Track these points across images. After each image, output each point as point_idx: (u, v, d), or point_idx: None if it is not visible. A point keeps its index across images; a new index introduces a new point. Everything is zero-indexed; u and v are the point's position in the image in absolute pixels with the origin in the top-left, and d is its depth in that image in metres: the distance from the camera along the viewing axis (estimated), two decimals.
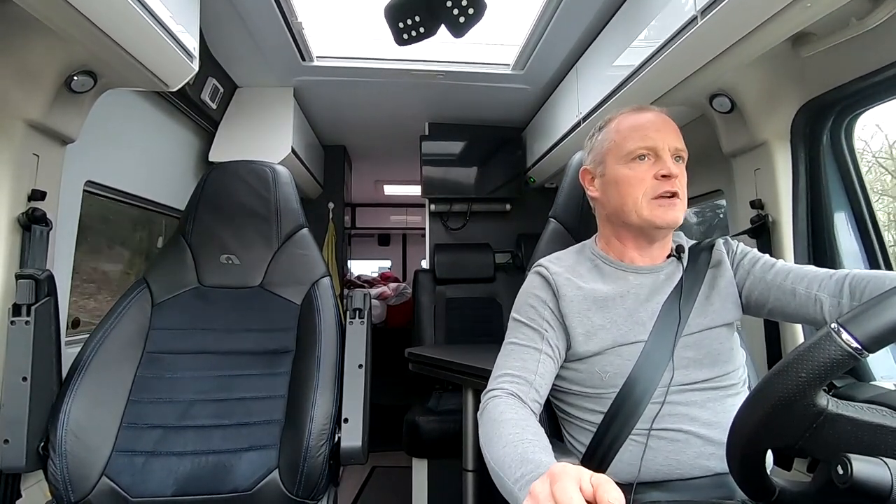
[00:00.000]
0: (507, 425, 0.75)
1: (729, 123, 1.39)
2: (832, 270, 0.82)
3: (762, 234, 1.33)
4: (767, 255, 0.95)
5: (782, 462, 1.16)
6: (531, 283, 0.98)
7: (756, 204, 1.36)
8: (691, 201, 1.92)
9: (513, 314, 0.96)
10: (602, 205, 0.97)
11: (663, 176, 0.87)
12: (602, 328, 0.89)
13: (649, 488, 0.81)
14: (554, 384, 0.94)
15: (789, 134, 1.30)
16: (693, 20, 1.13)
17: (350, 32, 2.03)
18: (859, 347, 0.50)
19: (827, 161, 1.30)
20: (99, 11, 1.00)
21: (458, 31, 1.32)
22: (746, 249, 0.97)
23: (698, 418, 0.83)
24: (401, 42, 1.38)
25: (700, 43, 1.16)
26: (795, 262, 1.27)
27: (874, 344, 0.50)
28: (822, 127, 1.29)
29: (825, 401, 0.52)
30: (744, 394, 0.89)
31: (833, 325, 0.51)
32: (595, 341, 0.88)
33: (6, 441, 1.05)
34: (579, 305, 0.90)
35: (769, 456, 0.87)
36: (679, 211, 0.88)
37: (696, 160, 1.75)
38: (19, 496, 1.14)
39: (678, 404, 0.84)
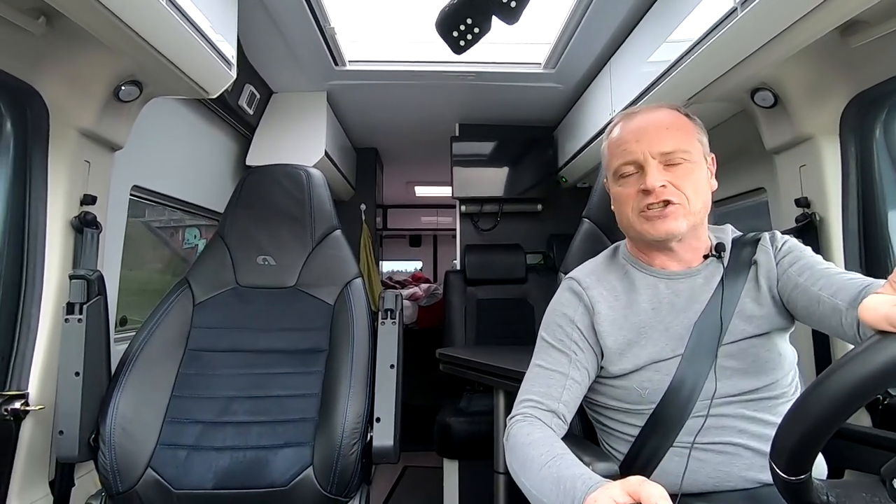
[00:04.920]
0: (535, 447, 0.75)
1: (772, 118, 1.34)
2: (866, 279, 0.74)
3: (808, 233, 1.27)
4: (811, 255, 0.85)
5: (835, 474, 1.10)
6: (561, 298, 0.94)
7: (802, 202, 1.30)
8: (731, 200, 1.85)
9: (541, 332, 0.93)
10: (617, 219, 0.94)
11: (645, 190, 0.83)
12: (637, 345, 0.85)
13: (695, 499, 0.79)
14: (590, 398, 0.92)
15: (838, 128, 1.24)
16: (733, 12, 1.09)
17: (381, 36, 2.05)
18: (793, 478, 0.49)
19: (881, 156, 1.23)
20: (145, 24, 1.04)
21: (511, 17, 1.27)
22: (792, 246, 0.87)
23: (747, 430, 0.79)
24: (458, 50, 1.36)
25: (741, 35, 1.11)
26: (846, 263, 1.21)
27: (799, 469, 0.48)
28: (874, 120, 1.22)
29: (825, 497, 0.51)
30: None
31: (769, 459, 0.52)
32: (629, 359, 0.85)
33: (61, 432, 1.11)
34: (612, 325, 0.87)
35: (822, 470, 0.83)
36: (673, 220, 0.82)
37: (737, 157, 1.70)
38: (73, 484, 1.20)
39: (725, 416, 0.80)
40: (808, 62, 1.19)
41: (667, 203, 0.82)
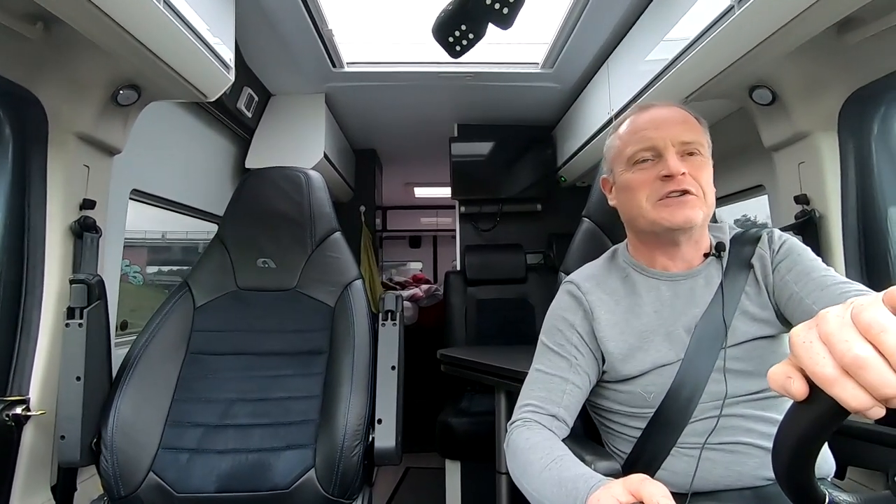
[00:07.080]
0: (535, 451, 0.76)
1: (770, 116, 1.34)
2: (860, 292, 0.72)
3: (808, 229, 1.27)
4: (809, 259, 0.82)
5: (840, 470, 1.10)
6: (560, 303, 0.94)
7: (801, 199, 1.30)
8: (731, 197, 1.85)
9: (541, 336, 0.93)
10: (620, 213, 0.94)
11: (665, 176, 0.82)
12: (641, 349, 0.85)
13: (705, 498, 0.78)
14: (594, 402, 0.92)
15: (836, 125, 1.24)
16: (730, 9, 1.09)
17: (379, 37, 2.06)
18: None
19: (879, 152, 1.23)
20: (143, 28, 1.04)
21: (505, 23, 1.28)
22: (789, 248, 0.85)
23: (755, 430, 0.79)
24: (455, 55, 1.38)
25: (738, 33, 1.12)
26: (846, 260, 1.21)
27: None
28: (872, 117, 1.22)
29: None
30: None
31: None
32: (633, 363, 0.84)
33: (62, 437, 1.10)
34: (613, 329, 0.87)
35: (830, 466, 0.82)
36: (692, 208, 0.81)
37: (736, 155, 1.70)
38: (75, 489, 1.20)
39: (733, 416, 0.79)
40: (805, 59, 1.19)
41: (685, 192, 0.82)
